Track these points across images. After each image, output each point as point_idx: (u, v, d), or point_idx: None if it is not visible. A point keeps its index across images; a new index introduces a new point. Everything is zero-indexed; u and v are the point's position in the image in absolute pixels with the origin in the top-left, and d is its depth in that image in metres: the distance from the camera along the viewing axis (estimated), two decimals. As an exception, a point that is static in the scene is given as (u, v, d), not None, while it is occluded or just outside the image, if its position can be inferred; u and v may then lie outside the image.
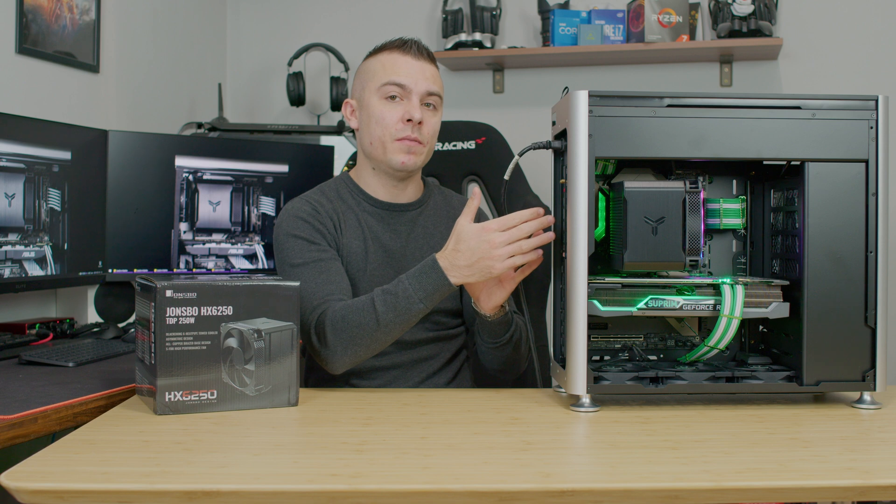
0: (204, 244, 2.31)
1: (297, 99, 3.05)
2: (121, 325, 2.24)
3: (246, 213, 2.35)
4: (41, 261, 2.00)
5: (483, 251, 1.46)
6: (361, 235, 1.75)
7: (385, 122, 1.71)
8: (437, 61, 1.79)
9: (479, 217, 1.89)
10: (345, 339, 1.55)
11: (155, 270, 2.25)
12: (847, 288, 1.45)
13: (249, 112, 3.43)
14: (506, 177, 1.57)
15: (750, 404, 1.49)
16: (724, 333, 1.49)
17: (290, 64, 3.06)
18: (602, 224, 1.56)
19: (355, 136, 1.83)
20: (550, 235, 1.52)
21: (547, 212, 1.55)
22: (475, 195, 1.53)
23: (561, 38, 3.01)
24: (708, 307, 1.49)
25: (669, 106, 1.44)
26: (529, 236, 1.49)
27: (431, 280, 1.50)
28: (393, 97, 1.71)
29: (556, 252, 1.57)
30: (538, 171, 2.28)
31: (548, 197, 1.64)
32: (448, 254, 1.50)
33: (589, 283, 1.43)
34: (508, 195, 2.18)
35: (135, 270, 2.22)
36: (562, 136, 1.51)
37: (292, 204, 1.77)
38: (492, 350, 1.70)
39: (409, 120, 1.69)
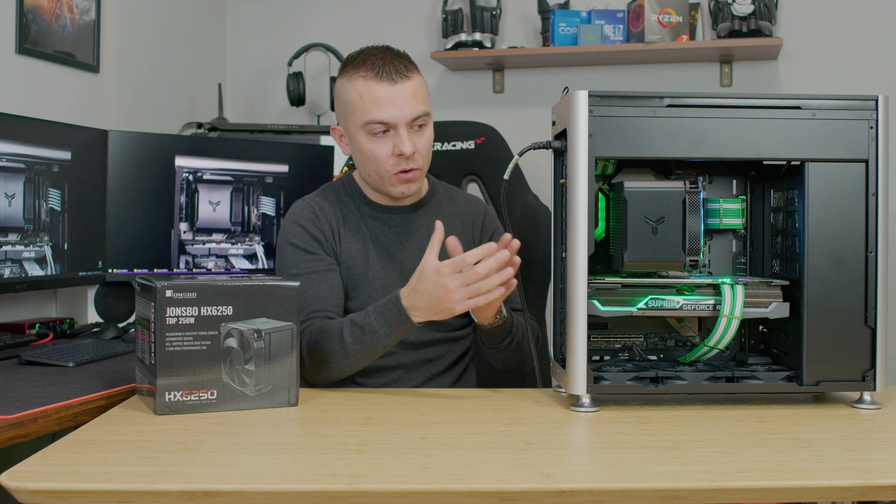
0: (204, 244, 2.31)
1: (297, 99, 3.05)
2: (121, 325, 2.24)
3: (246, 213, 2.35)
4: (41, 261, 2.00)
5: (440, 295, 1.43)
6: (362, 239, 1.75)
7: (377, 159, 1.66)
8: (415, 66, 1.69)
9: (479, 210, 1.87)
10: (318, 361, 1.57)
11: (155, 270, 2.25)
12: (847, 288, 1.45)
13: (249, 112, 3.42)
14: (505, 177, 1.57)
15: (750, 404, 1.48)
16: (724, 333, 1.49)
17: (290, 64, 3.06)
18: (602, 224, 1.56)
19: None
20: (509, 272, 1.46)
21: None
22: (437, 228, 1.47)
23: (561, 38, 3.01)
24: (708, 307, 1.49)
25: (669, 106, 1.44)
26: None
27: (395, 317, 1.49)
28: (381, 131, 1.64)
29: (556, 252, 1.57)
30: (538, 172, 2.28)
31: (548, 197, 1.64)
32: (409, 293, 1.48)
33: (589, 283, 1.43)
34: (508, 195, 2.18)
35: (135, 270, 2.22)
36: (562, 136, 1.51)
37: (295, 207, 1.77)
38: (493, 354, 1.71)
39: (400, 154, 1.65)
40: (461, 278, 1.42)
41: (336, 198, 1.78)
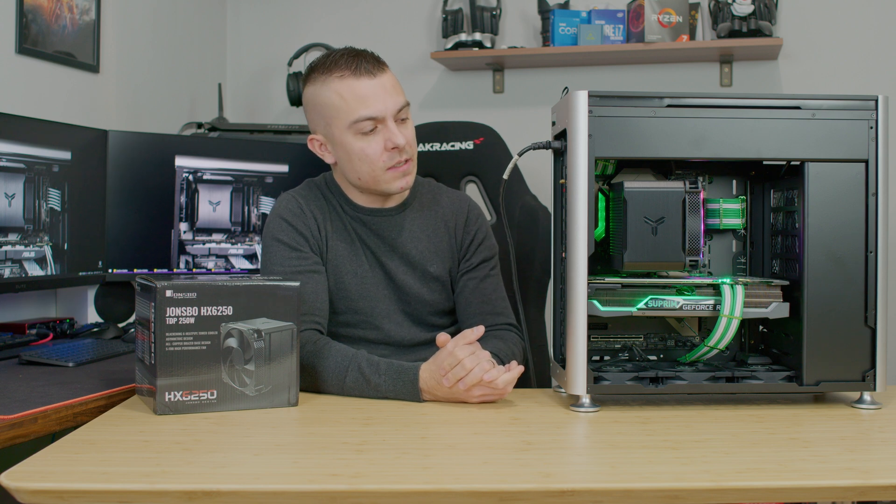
0: (204, 244, 2.31)
1: (297, 99, 3.04)
2: (121, 325, 2.24)
3: (246, 213, 2.35)
4: (41, 261, 2.00)
5: (461, 395, 1.47)
6: (349, 238, 1.74)
7: (370, 158, 1.64)
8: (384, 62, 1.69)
9: (461, 210, 1.84)
10: (309, 378, 1.55)
11: (155, 270, 2.25)
12: (847, 288, 1.45)
13: (249, 112, 3.42)
14: (505, 177, 1.57)
15: (750, 404, 1.49)
16: (724, 333, 1.49)
17: (290, 64, 3.06)
18: (602, 224, 1.56)
19: (332, 167, 1.77)
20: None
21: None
22: (476, 331, 1.50)
23: (561, 38, 3.01)
24: (708, 307, 1.49)
25: (669, 106, 1.44)
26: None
27: (405, 390, 1.50)
28: (370, 129, 1.62)
29: (556, 252, 1.57)
30: (538, 172, 2.28)
31: (547, 197, 1.64)
32: (430, 380, 1.49)
33: (589, 283, 1.43)
34: (507, 195, 2.18)
35: (135, 270, 2.22)
36: (562, 136, 1.51)
37: (280, 201, 1.76)
38: None
39: (394, 147, 1.63)
40: (486, 390, 1.46)
41: (321, 194, 1.77)
